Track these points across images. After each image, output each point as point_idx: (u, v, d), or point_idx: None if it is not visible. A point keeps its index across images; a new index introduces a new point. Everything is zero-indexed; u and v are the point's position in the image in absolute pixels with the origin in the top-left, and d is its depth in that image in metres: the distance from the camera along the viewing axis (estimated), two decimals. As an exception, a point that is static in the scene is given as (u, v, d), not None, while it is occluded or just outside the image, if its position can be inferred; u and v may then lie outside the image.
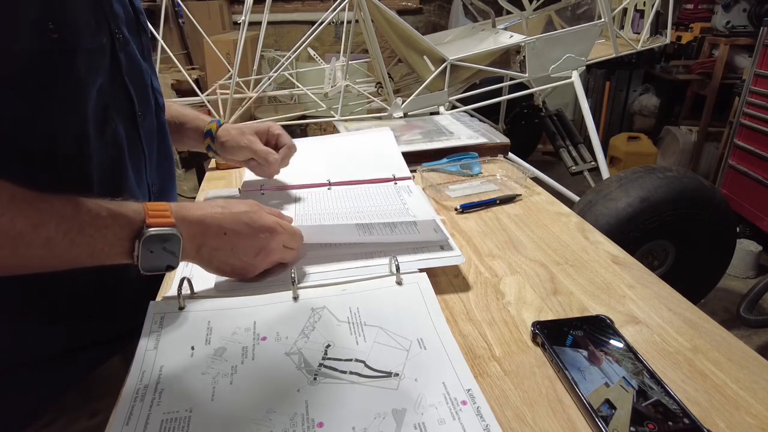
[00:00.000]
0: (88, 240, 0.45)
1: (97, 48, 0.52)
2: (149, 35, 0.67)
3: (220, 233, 0.53)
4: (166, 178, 0.70)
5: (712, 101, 2.83)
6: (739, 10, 2.71)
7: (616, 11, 1.87)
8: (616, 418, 0.39)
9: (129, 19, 0.59)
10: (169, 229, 0.48)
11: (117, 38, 0.55)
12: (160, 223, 0.48)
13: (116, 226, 0.47)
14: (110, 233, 0.46)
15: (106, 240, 0.46)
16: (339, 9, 1.58)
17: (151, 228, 0.47)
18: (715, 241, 1.51)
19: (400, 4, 3.48)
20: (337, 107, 1.59)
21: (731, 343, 0.49)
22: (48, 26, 0.45)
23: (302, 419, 0.39)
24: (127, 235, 0.47)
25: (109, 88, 0.55)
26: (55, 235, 0.43)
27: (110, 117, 0.55)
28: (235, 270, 0.55)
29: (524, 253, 0.66)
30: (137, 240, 0.47)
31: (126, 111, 0.59)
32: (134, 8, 0.61)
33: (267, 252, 0.56)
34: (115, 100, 0.56)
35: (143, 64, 0.62)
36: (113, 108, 0.56)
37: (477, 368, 0.46)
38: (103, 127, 0.54)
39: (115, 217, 0.47)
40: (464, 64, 1.62)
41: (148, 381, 0.43)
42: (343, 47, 1.89)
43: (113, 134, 0.56)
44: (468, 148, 1.03)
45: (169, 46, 2.16)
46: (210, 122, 0.78)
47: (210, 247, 0.53)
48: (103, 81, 0.54)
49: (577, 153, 2.15)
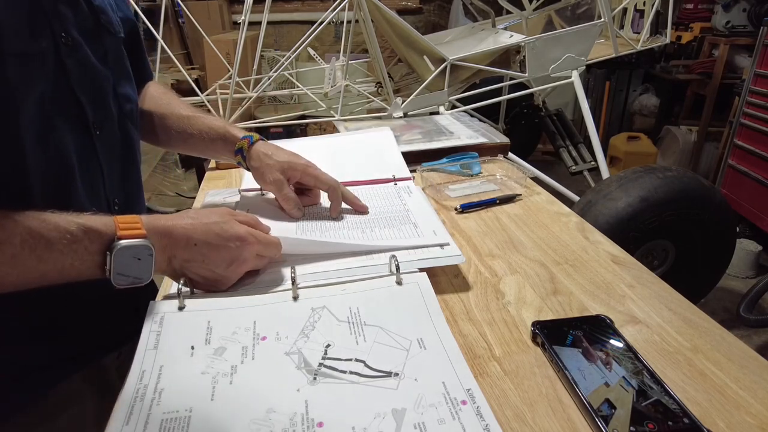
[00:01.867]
0: (57, 255, 0.44)
1: (33, 53, 0.48)
2: (118, 36, 0.62)
3: (190, 244, 0.51)
4: (133, 191, 0.66)
5: (712, 101, 2.83)
6: (739, 10, 2.71)
7: (616, 11, 1.87)
8: (616, 418, 0.39)
9: (82, 21, 0.55)
10: (140, 240, 0.47)
11: (63, 42, 0.51)
12: (131, 235, 0.47)
13: (86, 240, 0.45)
14: (80, 247, 0.45)
15: (77, 255, 0.45)
16: (339, 9, 1.58)
17: (122, 240, 0.46)
18: (714, 240, 1.51)
19: (400, 4, 3.48)
20: (337, 107, 1.59)
21: (731, 343, 0.49)
22: None
23: (302, 419, 0.39)
24: (97, 248, 0.46)
25: (52, 96, 0.50)
26: (21, 252, 0.42)
27: (53, 128, 0.51)
28: (207, 281, 0.54)
29: (524, 253, 0.66)
30: (108, 253, 0.46)
31: (75, 121, 0.54)
32: (92, 9, 0.57)
33: (239, 263, 0.54)
34: (60, 110, 0.52)
35: (102, 69, 0.57)
36: (59, 119, 0.52)
37: (477, 368, 0.46)
38: (45, 139, 0.50)
39: (85, 231, 0.45)
40: (464, 63, 1.62)
41: (148, 381, 0.43)
42: (343, 47, 1.89)
43: (59, 148, 0.52)
44: (468, 148, 1.03)
45: (169, 46, 2.16)
46: (242, 139, 0.71)
47: (181, 259, 0.52)
48: (45, 89, 0.49)
49: (577, 153, 2.15)
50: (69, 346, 0.58)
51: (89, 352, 0.60)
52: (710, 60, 2.87)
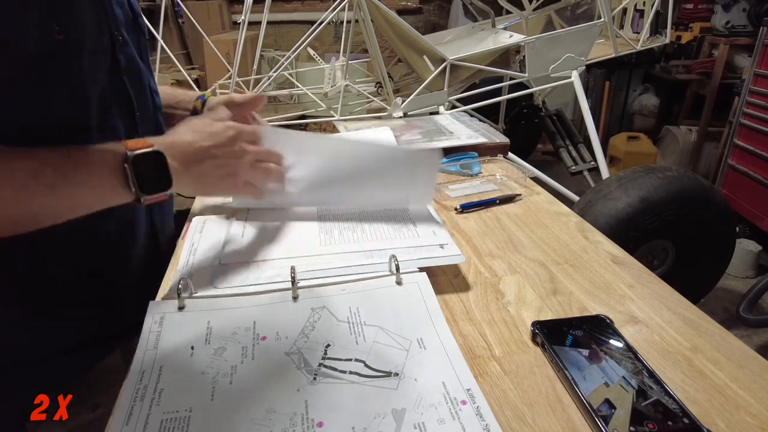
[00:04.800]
0: (85, 177, 0.47)
1: (99, 49, 0.54)
2: (147, 37, 0.68)
3: (194, 146, 0.56)
4: None
5: (711, 101, 2.83)
6: (739, 10, 2.71)
7: (616, 11, 1.87)
8: (616, 418, 0.39)
9: (128, 21, 0.61)
10: (151, 148, 0.51)
11: (117, 39, 0.57)
12: (141, 146, 0.50)
13: (104, 159, 0.49)
14: (101, 168, 0.48)
15: (102, 175, 0.48)
16: (339, 9, 1.58)
17: (135, 150, 0.50)
18: (714, 240, 1.51)
19: (400, 4, 3.48)
20: (337, 107, 1.59)
21: (731, 343, 0.49)
22: (53, 28, 0.47)
23: (302, 419, 0.39)
24: (115, 163, 0.49)
25: (109, 88, 0.56)
26: (54, 180, 0.45)
27: (111, 117, 0.57)
28: (227, 176, 0.58)
29: (524, 253, 0.66)
30: (125, 164, 0.49)
31: (125, 111, 0.60)
32: (132, 10, 0.63)
33: (242, 151, 0.58)
34: (115, 101, 0.58)
35: (141, 65, 0.63)
36: (114, 107, 0.58)
37: (477, 368, 0.46)
38: (104, 127, 0.56)
39: (100, 152, 0.49)
40: (464, 63, 1.62)
41: (147, 381, 0.43)
42: (343, 47, 1.89)
43: (113, 134, 0.57)
44: (468, 147, 1.03)
45: (169, 46, 2.16)
46: (195, 100, 0.77)
47: (194, 162, 0.55)
48: (104, 81, 0.55)
49: (576, 153, 2.15)
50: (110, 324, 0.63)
51: (126, 332, 0.62)
52: (710, 60, 2.87)
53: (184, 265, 0.61)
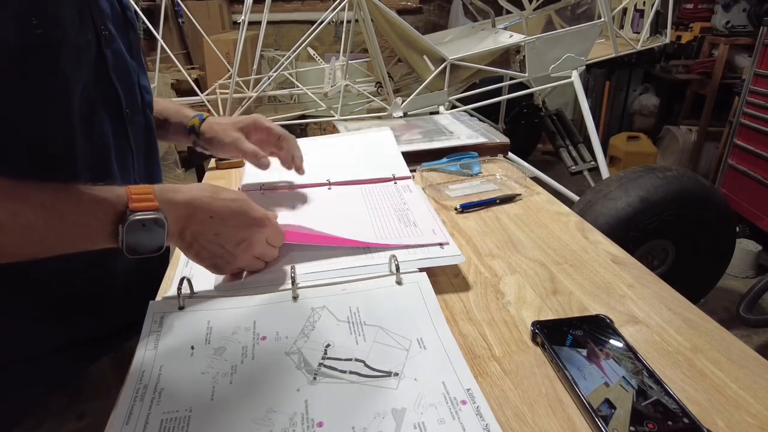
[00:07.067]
0: (70, 226, 0.45)
1: (82, 44, 0.51)
2: (138, 32, 0.65)
3: (207, 217, 0.52)
4: (153, 173, 0.69)
5: (711, 101, 2.83)
6: (739, 10, 2.71)
7: (616, 11, 1.87)
8: (616, 418, 0.39)
9: (116, 16, 0.58)
10: (153, 213, 0.47)
11: (102, 34, 0.54)
12: (143, 207, 0.47)
13: (99, 211, 0.46)
14: (92, 219, 0.46)
15: (89, 226, 0.46)
16: (339, 8, 1.58)
17: (136, 213, 0.47)
18: (714, 240, 1.51)
19: (400, 4, 3.48)
20: (337, 107, 1.59)
21: (731, 343, 0.49)
22: (31, 21, 0.45)
23: (302, 419, 0.39)
24: (110, 219, 0.46)
25: (94, 84, 0.54)
26: (35, 222, 0.43)
27: (96, 114, 0.55)
28: (214, 257, 0.54)
29: (524, 253, 0.66)
30: (120, 225, 0.46)
31: (113, 108, 0.58)
32: (121, 5, 0.60)
33: (249, 244, 0.55)
34: (101, 97, 0.55)
35: (130, 61, 0.61)
36: (100, 105, 0.55)
37: (477, 368, 0.46)
38: (89, 125, 0.53)
39: (97, 202, 0.46)
40: (464, 63, 1.62)
41: (147, 381, 0.43)
42: (343, 47, 1.89)
43: (100, 132, 0.55)
44: (468, 147, 1.03)
45: (169, 45, 2.16)
46: (192, 117, 0.75)
47: (193, 231, 0.52)
48: (89, 77, 0.53)
49: (576, 153, 2.15)
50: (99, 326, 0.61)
51: (116, 334, 0.62)
52: (710, 60, 2.87)
53: (183, 264, 0.61)
